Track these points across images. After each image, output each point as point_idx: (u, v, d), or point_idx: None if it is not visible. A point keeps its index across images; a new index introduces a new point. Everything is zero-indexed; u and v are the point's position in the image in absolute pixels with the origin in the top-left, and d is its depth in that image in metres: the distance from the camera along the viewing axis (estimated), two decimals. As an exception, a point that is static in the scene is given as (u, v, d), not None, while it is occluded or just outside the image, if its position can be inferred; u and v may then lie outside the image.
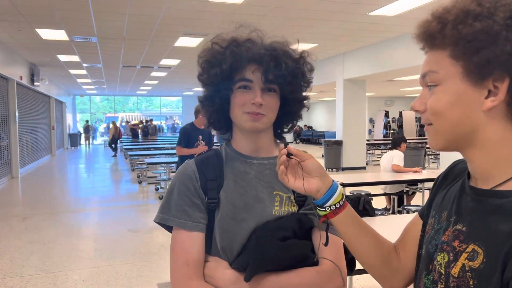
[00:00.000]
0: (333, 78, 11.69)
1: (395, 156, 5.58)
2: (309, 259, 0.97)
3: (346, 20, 7.42)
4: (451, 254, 0.70)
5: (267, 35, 1.04)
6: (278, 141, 1.15)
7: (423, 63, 0.74)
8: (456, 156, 0.75)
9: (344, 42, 9.50)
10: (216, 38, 1.04)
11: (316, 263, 0.98)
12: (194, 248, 0.98)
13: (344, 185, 4.52)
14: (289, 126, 1.15)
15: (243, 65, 0.99)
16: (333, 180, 0.89)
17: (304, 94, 1.08)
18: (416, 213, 0.93)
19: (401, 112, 21.32)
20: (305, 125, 26.82)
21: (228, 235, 0.99)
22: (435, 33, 0.69)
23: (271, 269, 0.94)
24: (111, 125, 18.46)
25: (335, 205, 0.86)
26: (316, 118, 26.73)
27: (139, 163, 11.54)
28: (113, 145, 17.63)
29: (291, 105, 1.07)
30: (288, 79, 1.00)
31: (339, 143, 11.37)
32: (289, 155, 0.87)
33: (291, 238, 0.97)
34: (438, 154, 10.59)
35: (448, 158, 8.53)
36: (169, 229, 1.03)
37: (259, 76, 0.99)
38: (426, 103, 0.72)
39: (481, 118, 0.67)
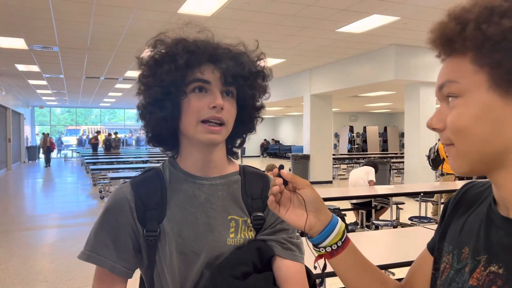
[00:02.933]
0: (300, 93, 11.81)
1: (370, 172, 5.64)
2: None
3: (314, 36, 7.52)
4: None
5: (217, 36, 0.91)
6: (231, 157, 1.00)
7: (440, 73, 0.62)
8: (421, 169, 0.63)
9: (311, 57, 9.63)
10: (160, 35, 0.89)
11: None
12: None
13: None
14: (240, 141, 1.00)
15: (199, 63, 0.85)
16: (333, 215, 0.74)
17: (260, 102, 0.96)
18: (424, 249, 0.79)
19: (365, 127, 21.84)
20: (272, 139, 26.96)
21: (177, 273, 0.86)
22: (454, 36, 0.58)
23: None
24: (42, 137, 19.53)
25: (331, 246, 0.72)
26: (283, 132, 26.93)
27: (102, 178, 11.12)
28: (43, 156, 18.79)
29: (247, 113, 0.94)
30: (250, 81, 0.89)
31: (307, 157, 11.44)
32: (284, 182, 0.72)
33: (251, 273, 0.84)
34: (402, 169, 10.84)
35: (414, 173, 8.74)
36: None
37: (217, 77, 0.85)
38: (445, 120, 0.60)
39: None
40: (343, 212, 3.53)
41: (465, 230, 0.68)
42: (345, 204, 5.79)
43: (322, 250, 0.73)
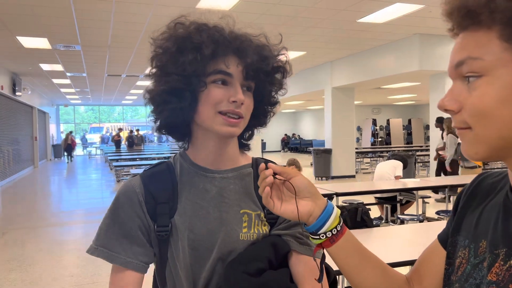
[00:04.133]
0: (321, 86, 11.65)
1: (398, 167, 5.48)
2: None
3: (335, 28, 7.38)
4: None
5: (237, 25, 0.86)
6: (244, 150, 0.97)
7: (455, 48, 0.57)
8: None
9: (332, 49, 9.47)
10: (180, 18, 0.84)
11: None
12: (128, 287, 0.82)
13: (338, 195, 4.39)
14: (250, 133, 0.96)
15: (224, 54, 0.80)
16: (327, 200, 0.72)
17: (276, 97, 0.93)
18: (435, 239, 0.74)
19: (388, 120, 21.44)
20: (293, 134, 26.81)
21: (190, 270, 0.82)
22: (479, 7, 0.52)
23: None
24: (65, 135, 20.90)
25: (331, 231, 0.70)
26: (304, 126, 26.74)
27: (125, 174, 11.29)
28: (65, 153, 20.25)
29: (263, 109, 0.91)
30: (270, 77, 0.86)
31: (328, 152, 11.30)
32: (273, 174, 0.70)
33: (266, 269, 0.81)
34: (428, 162, 10.58)
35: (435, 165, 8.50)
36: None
37: (240, 70, 0.81)
38: (461, 101, 0.55)
39: None
40: (367, 207, 3.44)
41: (481, 222, 0.64)
42: (369, 199, 5.67)
43: (322, 236, 0.70)
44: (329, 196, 4.18)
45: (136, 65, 10.88)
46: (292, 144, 25.69)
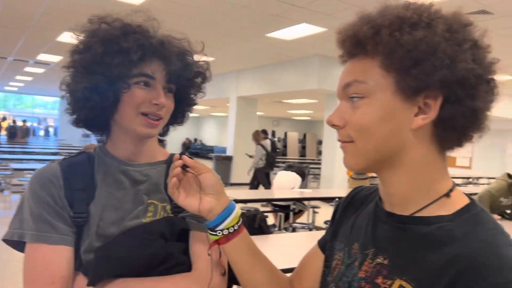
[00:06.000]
0: (226, 94, 11.79)
1: (297, 182, 5.74)
2: (173, 259, 0.82)
3: (244, 38, 7.56)
4: None
5: (163, 27, 0.90)
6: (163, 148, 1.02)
7: (344, 72, 0.65)
8: (336, 176, 0.68)
9: (240, 59, 9.67)
10: (104, 18, 0.85)
11: (187, 268, 0.83)
12: (61, 264, 0.79)
13: (236, 201, 4.45)
14: (165, 129, 1.02)
15: (148, 59, 0.85)
16: (231, 200, 0.77)
17: (195, 99, 1.00)
18: (315, 244, 0.83)
19: (286, 133, 22.52)
20: (195, 139, 26.61)
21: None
22: (367, 39, 0.60)
23: (124, 271, 0.78)
24: None
25: (228, 229, 0.74)
26: (206, 132, 26.72)
27: (3, 168, 10.06)
28: None
29: (181, 109, 0.97)
30: (191, 82, 0.93)
31: (229, 159, 11.45)
32: (184, 167, 0.75)
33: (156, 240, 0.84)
34: (319, 175, 11.33)
35: (330, 179, 9.17)
36: (20, 247, 0.82)
37: (163, 74, 0.86)
38: (346, 118, 0.64)
39: (408, 137, 0.61)
40: (265, 214, 3.57)
41: (355, 228, 0.73)
42: (264, 207, 5.87)
43: (219, 233, 0.74)
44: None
45: (26, 49, 9.82)
46: (193, 148, 25.46)
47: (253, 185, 9.05)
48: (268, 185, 8.99)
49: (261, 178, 8.71)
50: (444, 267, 0.55)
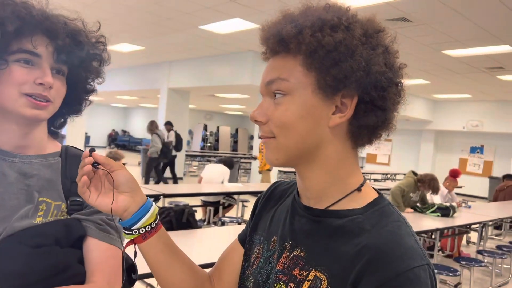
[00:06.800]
0: (157, 85, 11.45)
1: (226, 174, 5.74)
2: (71, 269, 0.76)
3: (177, 29, 7.38)
4: (292, 285, 0.64)
5: (52, 5, 0.82)
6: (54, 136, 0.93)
7: (267, 69, 0.67)
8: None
9: (172, 50, 9.43)
10: None
11: (82, 278, 0.78)
12: None
13: (165, 196, 4.36)
14: (62, 121, 0.94)
15: (31, 33, 0.76)
16: (147, 198, 0.74)
17: (92, 85, 0.91)
18: (235, 239, 0.84)
19: (218, 127, 22.48)
20: (122, 130, 25.54)
21: None
22: (290, 38, 0.62)
23: (19, 284, 0.71)
24: None
25: (145, 227, 0.71)
26: (134, 124, 25.77)
27: None
28: None
29: (76, 95, 0.89)
30: (85, 63, 0.84)
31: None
32: (94, 164, 0.69)
33: (50, 246, 0.77)
34: (249, 169, 11.48)
35: (257, 172, 9.32)
36: None
37: (50, 52, 0.78)
38: (268, 114, 0.65)
39: (326, 134, 0.64)
40: (194, 208, 3.53)
41: (274, 221, 0.76)
42: (194, 201, 5.82)
43: (135, 232, 0.71)
44: (156, 197, 4.11)
45: None
46: (120, 140, 24.43)
47: (148, 176, 9.18)
48: (160, 175, 9.25)
49: (149, 167, 9.01)
50: (355, 256, 0.59)
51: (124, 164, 4.34)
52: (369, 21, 0.65)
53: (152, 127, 9.06)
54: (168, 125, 9.95)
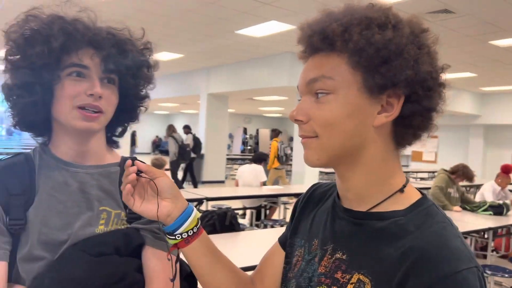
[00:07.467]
0: (197, 91, 11.69)
1: (260, 173, 5.77)
2: (129, 278, 0.79)
3: (214, 35, 7.50)
4: None
5: (101, 19, 0.85)
6: (113, 147, 0.96)
7: (309, 68, 0.66)
8: (307, 172, 0.68)
9: (210, 56, 9.60)
10: (32, 10, 0.81)
11: (140, 286, 0.81)
12: None
13: (208, 199, 4.44)
14: (121, 130, 0.97)
15: (77, 47, 0.79)
16: (188, 203, 0.76)
17: (144, 92, 0.92)
18: (276, 242, 0.84)
19: (257, 130, 22.58)
20: (165, 136, 26.26)
21: (39, 264, 0.76)
22: (336, 36, 0.61)
23: None
24: None
25: (187, 232, 0.73)
26: (177, 130, 26.41)
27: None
28: None
29: (130, 102, 0.91)
30: (133, 70, 0.86)
31: (201, 157, 11.37)
32: (138, 172, 0.72)
33: (110, 255, 0.80)
34: (290, 171, 11.44)
35: (301, 175, 9.27)
36: None
37: (97, 63, 0.81)
38: (309, 113, 0.64)
39: (370, 134, 0.63)
40: (236, 212, 3.58)
41: (314, 224, 0.75)
42: (237, 204, 5.87)
43: (178, 237, 0.73)
44: (199, 201, 4.19)
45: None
46: (163, 146, 25.11)
47: (176, 179, 9.39)
48: (194, 178, 9.49)
49: (172, 172, 9.18)
50: (399, 259, 0.57)
51: (166, 170, 4.46)
52: (413, 20, 0.64)
53: (169, 131, 9.47)
54: (186, 128, 10.44)
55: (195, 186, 9.86)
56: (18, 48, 0.79)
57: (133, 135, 17.63)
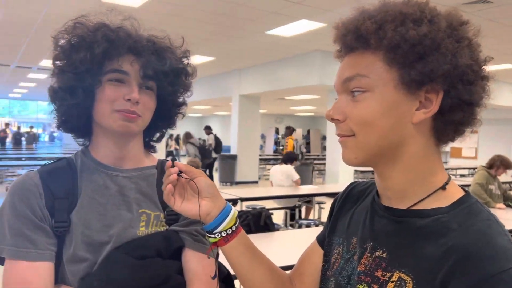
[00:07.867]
0: (229, 93, 11.80)
1: (291, 172, 5.76)
2: (172, 280, 0.81)
3: (244, 37, 7.55)
4: (375, 286, 0.62)
5: (143, 27, 0.89)
6: (150, 151, 0.99)
7: (344, 66, 0.66)
8: (341, 171, 0.68)
9: (241, 58, 9.66)
10: (80, 18, 0.86)
11: (183, 287, 0.83)
12: (40, 281, 0.76)
13: (242, 199, 4.48)
14: (159, 135, 1.00)
15: (118, 54, 0.82)
16: (226, 202, 0.77)
17: (182, 99, 0.95)
18: (314, 240, 0.84)
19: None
20: (199, 138, 26.63)
21: (84, 266, 0.79)
22: (371, 33, 0.61)
23: None
24: None
25: (226, 231, 0.74)
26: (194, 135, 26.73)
27: (10, 175, 10.14)
28: None
29: (168, 109, 0.93)
30: (171, 78, 0.88)
31: (234, 157, 11.46)
32: (178, 173, 0.74)
33: (153, 257, 0.82)
34: (324, 170, 11.33)
35: (335, 174, 9.16)
36: (1, 261, 0.80)
37: (137, 69, 0.84)
38: (346, 112, 0.64)
39: (409, 131, 0.62)
40: (270, 212, 3.58)
41: (352, 222, 0.75)
42: (271, 204, 5.88)
43: (218, 235, 0.74)
44: (234, 201, 4.24)
45: (28, 55, 9.87)
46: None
47: None
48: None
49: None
50: (441, 258, 0.56)
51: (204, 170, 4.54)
52: (451, 13, 0.62)
53: (186, 138, 9.79)
54: (207, 129, 10.81)
55: None
56: (64, 53, 0.83)
57: (177, 139, 18.03)
